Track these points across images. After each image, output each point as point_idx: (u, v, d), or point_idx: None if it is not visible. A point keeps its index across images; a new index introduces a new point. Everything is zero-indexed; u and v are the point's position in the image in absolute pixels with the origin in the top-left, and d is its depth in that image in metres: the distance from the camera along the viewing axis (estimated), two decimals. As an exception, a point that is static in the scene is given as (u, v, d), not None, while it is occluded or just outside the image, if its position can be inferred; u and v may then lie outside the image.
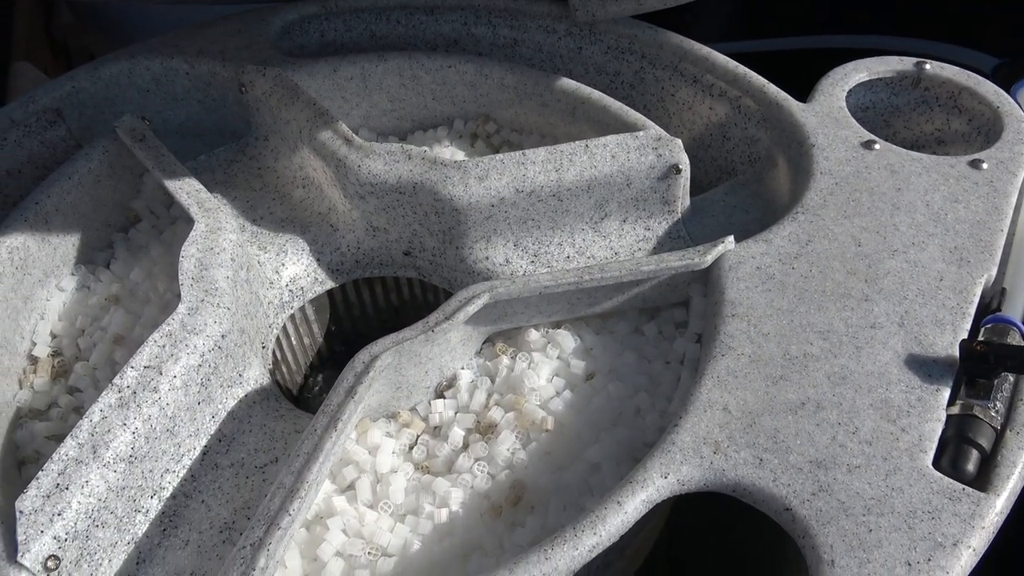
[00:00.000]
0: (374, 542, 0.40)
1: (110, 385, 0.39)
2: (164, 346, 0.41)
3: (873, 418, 0.38)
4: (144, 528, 0.40)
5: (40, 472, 0.36)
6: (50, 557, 0.35)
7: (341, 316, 0.59)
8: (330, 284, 0.55)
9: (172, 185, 0.50)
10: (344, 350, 0.62)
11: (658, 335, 0.48)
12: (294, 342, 0.56)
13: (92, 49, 1.05)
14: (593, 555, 0.35)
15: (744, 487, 0.36)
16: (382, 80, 0.60)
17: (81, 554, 0.37)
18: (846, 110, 0.54)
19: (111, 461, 0.38)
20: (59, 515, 0.36)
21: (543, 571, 0.34)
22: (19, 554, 0.34)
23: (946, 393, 0.39)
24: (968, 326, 0.42)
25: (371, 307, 0.60)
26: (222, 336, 0.43)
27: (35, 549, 0.35)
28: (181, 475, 0.42)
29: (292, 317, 0.55)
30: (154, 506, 0.40)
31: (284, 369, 0.55)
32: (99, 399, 0.39)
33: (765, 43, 0.77)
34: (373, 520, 0.41)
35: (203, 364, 0.42)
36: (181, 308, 0.43)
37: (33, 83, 0.86)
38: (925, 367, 0.40)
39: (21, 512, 0.35)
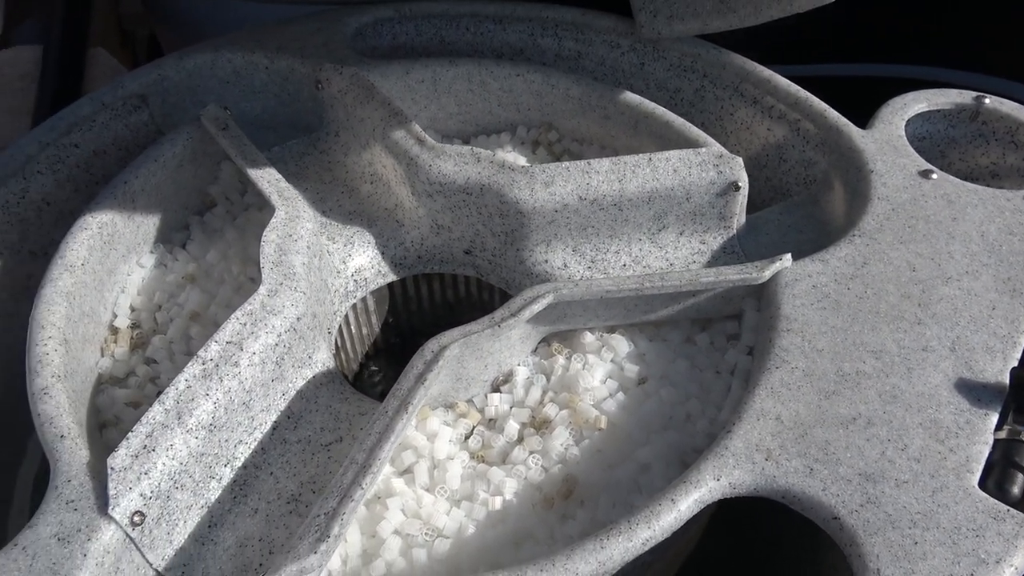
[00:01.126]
0: (431, 523, 0.42)
1: (195, 357, 0.42)
2: (246, 324, 0.43)
3: (922, 437, 0.39)
4: (217, 494, 0.42)
5: (130, 433, 0.39)
6: (136, 513, 0.38)
7: (399, 309, 0.62)
8: (392, 277, 0.57)
9: (254, 173, 0.52)
10: (398, 343, 0.64)
11: (710, 345, 0.50)
12: (353, 331, 0.59)
13: (158, 39, 1.09)
14: (645, 548, 0.37)
15: (794, 494, 0.38)
16: (451, 84, 0.63)
17: (161, 513, 0.39)
18: (905, 139, 0.55)
19: (193, 428, 0.40)
20: (146, 474, 0.38)
21: (599, 559, 0.36)
22: (110, 507, 0.37)
23: (994, 418, 0.40)
24: (1019, 355, 0.43)
25: (427, 302, 0.62)
26: (297, 318, 0.45)
27: (124, 504, 0.37)
28: (253, 447, 0.44)
29: (354, 307, 0.57)
30: (227, 474, 0.43)
31: (343, 356, 0.58)
32: (185, 369, 0.41)
33: (819, 68, 0.79)
34: (430, 503, 0.43)
35: (279, 344, 0.44)
36: (262, 290, 0.45)
37: (108, 70, 0.89)
38: (975, 391, 0.41)
39: (112, 468, 0.37)
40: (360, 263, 0.56)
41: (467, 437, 0.47)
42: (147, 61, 0.84)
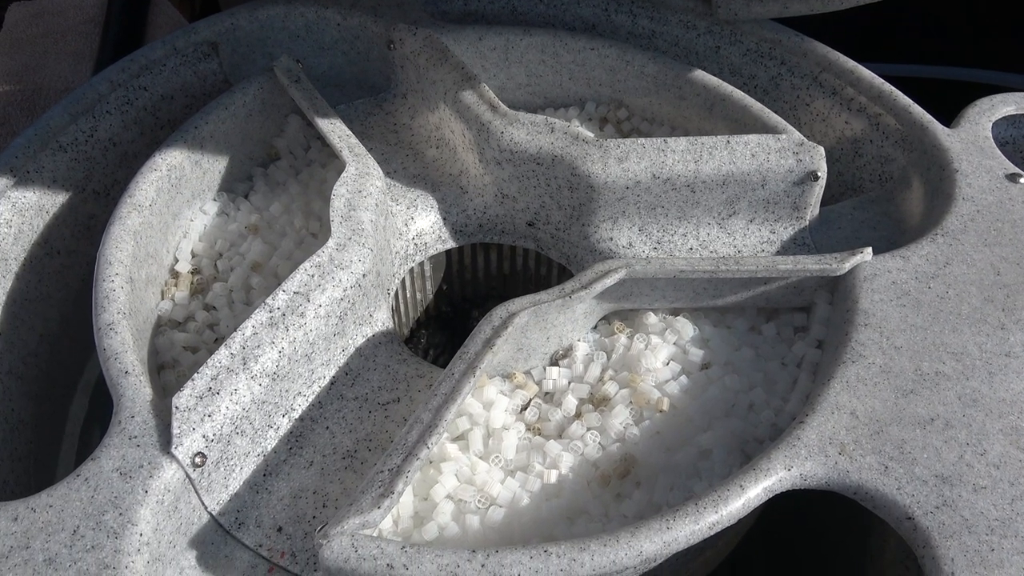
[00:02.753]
0: (485, 491, 0.42)
1: (263, 304, 0.41)
2: (313, 276, 0.43)
3: (1002, 443, 0.38)
4: (274, 444, 0.42)
5: (195, 374, 0.39)
6: (198, 454, 0.38)
7: (453, 277, 0.61)
8: (451, 244, 0.57)
9: (325, 127, 0.52)
10: (450, 311, 0.64)
11: (776, 336, 0.49)
12: (408, 295, 0.58)
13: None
14: (712, 532, 0.36)
15: (867, 491, 0.37)
16: (524, 54, 0.62)
17: (221, 457, 0.39)
18: (991, 140, 0.53)
19: (257, 375, 0.40)
20: (209, 416, 0.38)
21: (664, 539, 0.35)
22: (173, 446, 0.37)
23: (1078, 430, 0.39)
24: (1105, 368, 0.41)
25: (483, 272, 0.61)
26: (363, 275, 0.45)
27: (187, 444, 0.37)
28: (311, 400, 0.44)
29: (411, 271, 0.56)
30: (284, 425, 0.42)
31: (396, 320, 0.57)
32: (252, 315, 0.41)
33: (902, 68, 0.76)
34: (484, 470, 0.43)
35: (344, 298, 0.44)
36: (331, 243, 0.44)
37: (170, 20, 0.89)
38: (1058, 402, 0.40)
39: (177, 408, 0.37)
40: (421, 227, 0.55)
41: (523, 408, 0.46)
42: (201, 16, 0.84)
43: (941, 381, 0.40)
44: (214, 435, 0.38)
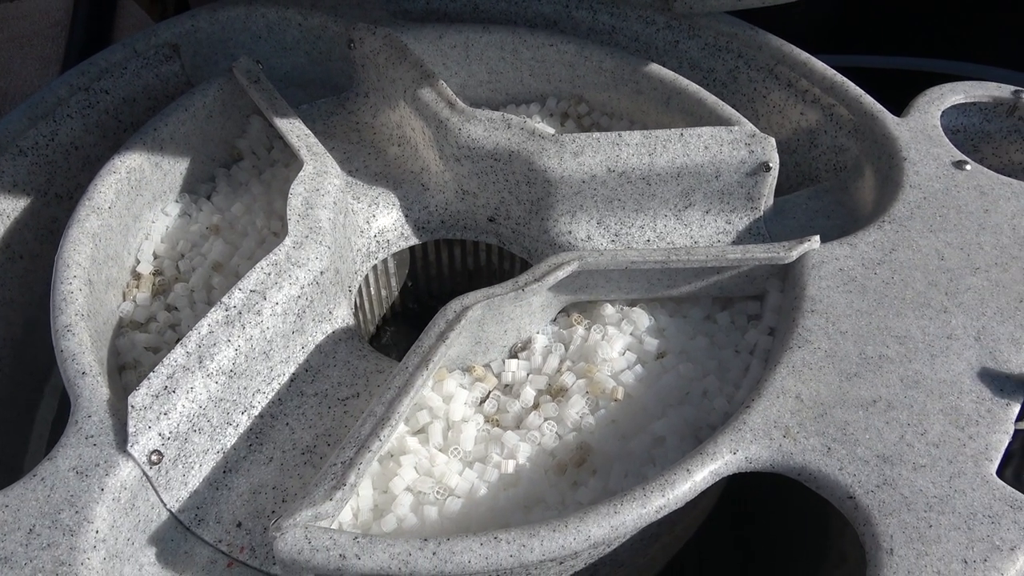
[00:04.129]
0: (443, 482, 0.42)
1: (219, 303, 0.42)
2: (270, 274, 0.44)
3: (942, 423, 0.39)
4: (233, 441, 0.43)
5: (151, 373, 0.39)
6: (154, 452, 0.38)
7: (418, 273, 0.62)
8: (414, 240, 0.57)
9: (283, 127, 0.52)
10: (416, 308, 0.64)
11: (730, 324, 0.50)
12: (372, 292, 0.59)
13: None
14: (658, 516, 0.37)
15: (810, 472, 0.38)
16: (484, 51, 0.62)
17: (179, 455, 0.40)
18: (940, 129, 0.54)
19: (214, 372, 0.40)
20: (165, 415, 0.39)
21: (611, 523, 0.36)
22: (129, 444, 0.37)
23: (1016, 409, 0.40)
24: (1044, 348, 0.42)
25: (447, 268, 0.62)
26: (320, 272, 0.45)
27: (143, 442, 0.38)
28: (270, 397, 0.44)
29: (375, 267, 0.57)
30: (244, 422, 0.43)
31: (360, 317, 0.58)
32: (208, 314, 0.41)
33: (855, 59, 0.78)
34: (443, 462, 0.43)
35: (302, 296, 0.44)
36: (287, 241, 0.45)
37: (137, 21, 0.89)
38: (998, 381, 0.41)
39: (133, 407, 0.38)
40: (383, 224, 0.56)
41: (483, 401, 0.47)
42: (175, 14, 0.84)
43: (884, 364, 0.41)
44: (170, 433, 0.39)
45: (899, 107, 0.57)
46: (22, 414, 0.56)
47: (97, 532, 0.36)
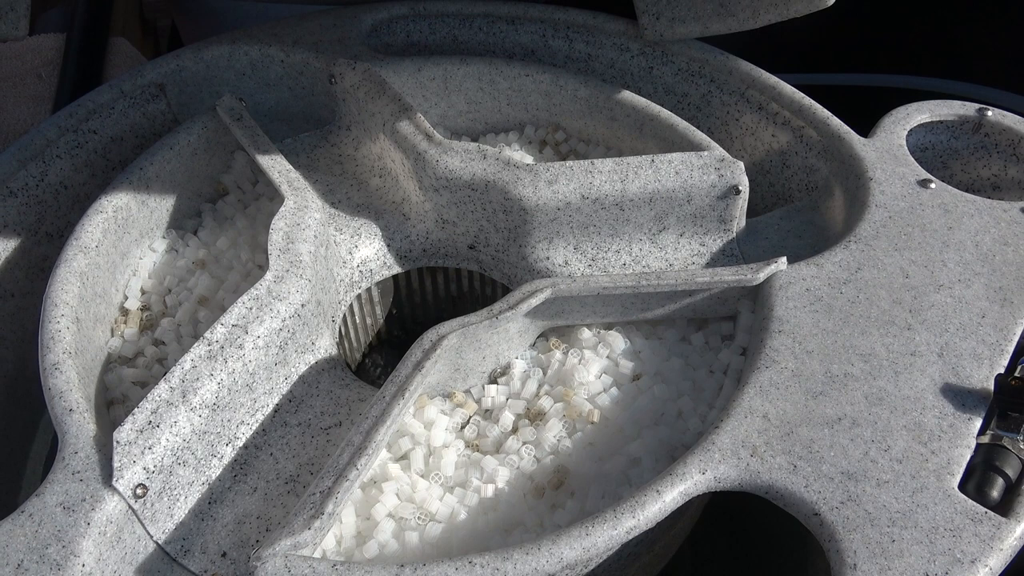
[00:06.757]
0: (424, 508, 0.43)
1: (201, 338, 0.43)
2: (251, 308, 0.45)
3: (905, 439, 0.40)
4: (218, 472, 0.44)
5: (136, 409, 0.40)
6: (139, 485, 0.39)
7: (403, 301, 0.63)
8: (397, 269, 0.59)
9: (265, 163, 0.54)
10: (401, 335, 0.65)
11: (704, 345, 0.51)
12: (358, 321, 0.60)
13: (179, 30, 1.11)
14: (630, 537, 0.38)
15: (777, 490, 0.39)
16: (462, 83, 0.64)
17: (163, 487, 0.41)
18: (905, 148, 0.56)
19: (197, 406, 0.42)
20: (150, 449, 0.40)
21: (583, 545, 0.37)
22: (114, 479, 0.38)
23: (978, 423, 0.41)
24: (1006, 362, 0.43)
25: (431, 295, 0.63)
26: (302, 305, 0.47)
27: (127, 476, 0.39)
28: (254, 428, 0.45)
29: (359, 297, 0.58)
30: (228, 453, 0.44)
31: (346, 345, 0.59)
32: (191, 349, 0.43)
33: (827, 77, 0.79)
34: (424, 488, 0.44)
35: (283, 328, 0.46)
36: (268, 276, 0.46)
37: (128, 59, 0.91)
38: (960, 396, 0.42)
39: (118, 442, 0.39)
40: (366, 254, 0.57)
41: (463, 426, 0.48)
42: (168, 51, 0.86)
43: (849, 382, 0.43)
44: (155, 467, 0.40)
45: (870, 124, 0.59)
46: (16, 450, 0.57)
47: (84, 566, 0.37)
